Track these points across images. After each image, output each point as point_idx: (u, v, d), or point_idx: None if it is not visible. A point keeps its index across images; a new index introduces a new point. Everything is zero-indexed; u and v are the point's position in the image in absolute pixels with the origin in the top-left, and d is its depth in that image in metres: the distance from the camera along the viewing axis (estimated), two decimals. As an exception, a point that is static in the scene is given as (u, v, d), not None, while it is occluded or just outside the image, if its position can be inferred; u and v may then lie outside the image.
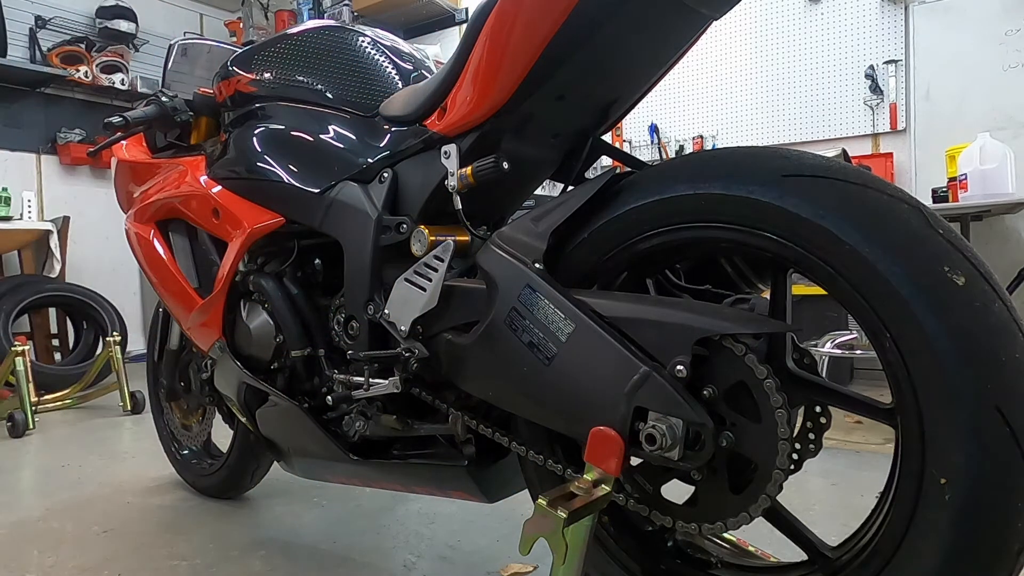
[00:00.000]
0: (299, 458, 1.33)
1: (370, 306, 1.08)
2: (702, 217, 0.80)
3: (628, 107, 1.03)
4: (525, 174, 1.08)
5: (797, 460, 0.84)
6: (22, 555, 1.50)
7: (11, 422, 2.64)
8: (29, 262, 3.86)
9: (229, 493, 1.80)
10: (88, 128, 4.43)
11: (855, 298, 0.70)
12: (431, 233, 1.02)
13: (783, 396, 0.73)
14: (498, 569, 1.34)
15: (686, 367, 0.77)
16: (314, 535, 1.56)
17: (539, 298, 0.86)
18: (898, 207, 0.70)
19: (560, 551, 0.75)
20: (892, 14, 3.27)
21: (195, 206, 1.40)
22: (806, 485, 1.81)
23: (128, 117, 1.48)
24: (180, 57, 1.66)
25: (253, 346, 1.31)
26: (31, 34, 4.23)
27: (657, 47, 0.93)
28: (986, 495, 0.63)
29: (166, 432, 1.94)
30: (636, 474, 0.89)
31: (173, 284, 1.48)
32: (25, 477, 2.15)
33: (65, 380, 3.38)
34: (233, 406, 1.43)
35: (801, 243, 0.73)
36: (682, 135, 3.84)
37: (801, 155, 0.78)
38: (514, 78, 0.89)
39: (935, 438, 0.65)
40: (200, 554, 1.47)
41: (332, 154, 1.20)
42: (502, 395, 0.93)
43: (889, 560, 0.70)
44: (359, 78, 1.24)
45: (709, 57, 3.69)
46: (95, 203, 4.50)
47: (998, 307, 0.65)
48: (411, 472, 1.14)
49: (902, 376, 0.68)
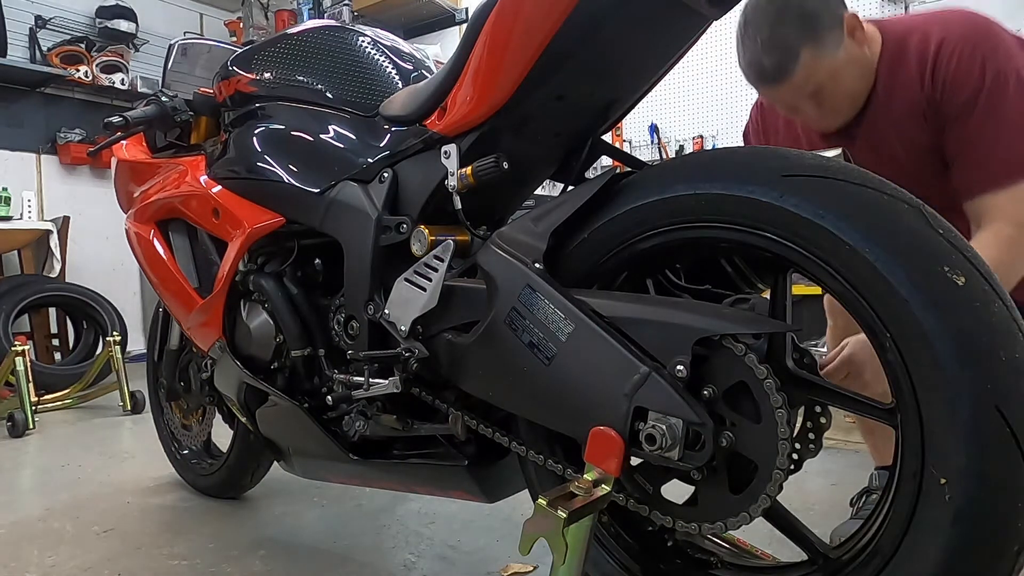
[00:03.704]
0: (299, 458, 1.33)
1: (370, 306, 1.08)
2: (702, 217, 0.80)
3: (628, 107, 1.03)
4: (525, 174, 1.08)
5: (797, 460, 0.84)
6: (22, 555, 1.50)
7: (11, 422, 2.64)
8: (29, 262, 3.86)
9: (229, 493, 1.81)
10: (88, 128, 4.43)
11: (855, 298, 0.70)
12: (431, 233, 1.02)
13: (783, 396, 0.73)
14: (498, 569, 1.34)
15: (686, 367, 0.77)
16: (314, 535, 1.56)
17: (539, 298, 0.86)
18: (898, 207, 0.70)
19: (560, 551, 0.75)
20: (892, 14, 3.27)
21: (195, 206, 1.40)
22: (806, 485, 1.81)
23: (128, 117, 1.48)
24: (180, 57, 1.66)
25: (253, 346, 1.31)
26: (31, 34, 4.23)
27: (657, 47, 0.93)
28: (986, 495, 0.63)
29: (166, 432, 1.94)
30: (636, 474, 0.88)
31: (173, 284, 1.48)
32: (25, 477, 2.15)
33: (65, 380, 3.38)
34: (233, 406, 1.43)
35: (801, 243, 0.73)
36: (682, 135, 3.83)
37: (801, 155, 0.78)
38: (514, 78, 0.89)
39: (935, 438, 0.65)
40: (200, 554, 1.47)
41: (332, 154, 1.20)
42: (502, 395, 0.93)
43: (889, 560, 0.70)
44: (359, 78, 1.24)
45: (709, 57, 3.69)
46: (95, 203, 4.50)
47: (998, 307, 0.65)
48: (411, 472, 1.14)
49: (902, 376, 0.68)
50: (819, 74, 1.24)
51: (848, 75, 1.27)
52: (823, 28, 1.22)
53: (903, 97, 1.26)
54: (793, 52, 1.22)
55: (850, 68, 1.26)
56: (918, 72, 1.23)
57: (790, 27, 1.21)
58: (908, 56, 1.25)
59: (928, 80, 1.22)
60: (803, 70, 1.23)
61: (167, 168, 1.54)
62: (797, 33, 1.21)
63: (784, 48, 1.22)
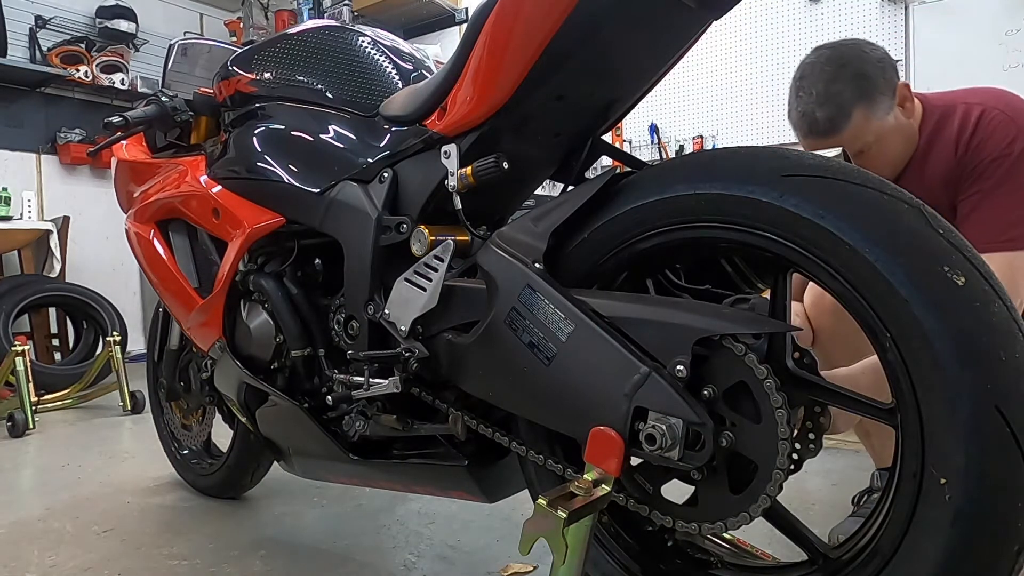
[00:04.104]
0: (299, 458, 1.33)
1: (370, 306, 1.08)
2: (702, 217, 0.80)
3: (628, 107, 1.03)
4: (525, 174, 1.09)
5: (797, 460, 0.84)
6: (22, 555, 1.50)
7: (11, 422, 2.64)
8: (29, 262, 3.86)
9: (229, 493, 1.81)
10: (88, 128, 4.43)
11: (855, 298, 0.70)
12: (431, 233, 1.02)
13: (783, 396, 0.73)
14: (498, 569, 1.34)
15: (686, 367, 0.77)
16: (314, 535, 1.56)
17: (539, 298, 0.86)
18: (898, 207, 0.70)
19: (560, 551, 0.75)
20: (892, 14, 3.27)
21: (195, 206, 1.40)
22: (806, 485, 1.81)
23: (128, 117, 1.48)
24: (180, 57, 1.66)
25: (253, 346, 1.31)
26: (31, 34, 4.23)
27: (657, 47, 0.93)
28: (986, 495, 0.63)
29: (166, 432, 1.94)
30: (636, 474, 0.88)
31: (173, 284, 1.48)
32: (25, 477, 2.15)
33: (65, 380, 3.37)
34: (233, 406, 1.43)
35: (801, 243, 0.73)
36: (682, 135, 3.83)
37: (801, 155, 0.78)
38: (514, 78, 0.89)
39: (935, 438, 0.65)
40: (200, 554, 1.47)
41: (332, 154, 1.20)
42: (502, 395, 0.93)
43: (889, 560, 0.70)
44: (359, 78, 1.24)
45: (709, 57, 3.69)
46: (95, 203, 4.50)
47: (998, 307, 0.65)
48: (411, 472, 1.14)
49: (902, 376, 0.68)
50: (867, 135, 1.30)
51: (893, 142, 1.32)
52: (877, 92, 1.28)
53: (937, 165, 1.32)
54: (846, 110, 1.27)
55: (896, 135, 1.32)
56: (956, 139, 1.29)
57: (846, 85, 1.27)
58: (950, 126, 1.30)
59: (964, 145, 1.28)
60: (853, 129, 1.28)
61: (167, 168, 1.54)
62: (852, 92, 1.27)
63: (838, 104, 1.27)
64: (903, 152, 1.35)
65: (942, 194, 1.31)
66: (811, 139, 1.34)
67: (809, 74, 1.31)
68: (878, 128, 1.29)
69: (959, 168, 1.28)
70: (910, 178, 1.35)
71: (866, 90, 1.27)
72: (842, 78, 1.28)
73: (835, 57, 1.30)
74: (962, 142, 1.28)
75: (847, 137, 1.30)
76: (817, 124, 1.30)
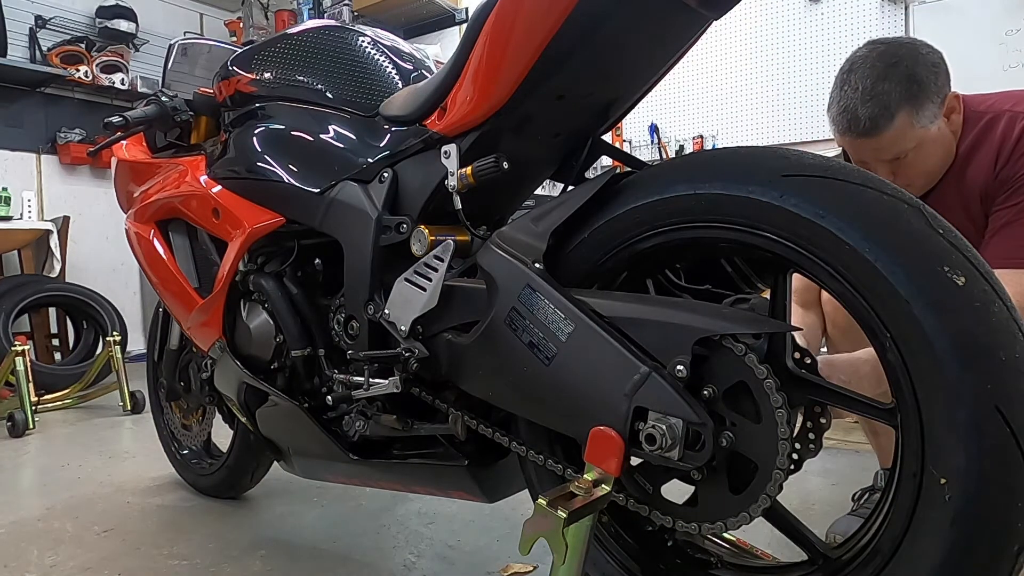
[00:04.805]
0: (299, 458, 1.33)
1: (370, 306, 1.08)
2: (702, 217, 0.80)
3: (628, 107, 1.03)
4: (525, 174, 1.08)
5: (797, 460, 0.84)
6: (22, 555, 1.50)
7: (11, 422, 2.64)
8: (29, 262, 3.86)
9: (229, 493, 1.81)
10: (88, 128, 4.43)
11: (855, 298, 0.70)
12: (431, 233, 1.02)
13: (783, 396, 0.73)
14: (498, 569, 1.34)
15: (686, 367, 0.77)
16: (314, 535, 1.56)
17: (539, 298, 0.86)
18: (898, 207, 0.70)
19: (560, 551, 0.75)
20: (892, 14, 3.27)
21: (195, 206, 1.40)
22: (806, 485, 1.81)
23: (128, 117, 1.48)
24: (180, 57, 1.66)
25: (253, 346, 1.31)
26: (31, 34, 4.23)
27: (657, 47, 0.93)
28: (986, 495, 0.63)
29: (166, 432, 1.94)
30: (636, 474, 0.88)
31: (173, 284, 1.48)
32: (25, 477, 2.15)
33: (65, 380, 3.38)
34: (233, 406, 1.43)
35: (801, 243, 0.73)
36: (682, 135, 3.83)
37: (801, 155, 0.78)
38: (514, 78, 0.89)
39: (935, 438, 0.65)
40: (200, 554, 1.47)
41: (332, 154, 1.20)
42: (502, 395, 0.93)
43: (889, 560, 0.70)
44: (359, 78, 1.24)
45: (709, 57, 3.69)
46: (95, 203, 4.50)
47: (998, 307, 0.65)
48: (411, 472, 1.14)
49: (902, 376, 0.68)
50: (907, 142, 1.23)
51: (932, 152, 1.26)
52: (926, 97, 1.21)
53: (977, 176, 1.26)
54: (890, 111, 1.20)
55: (935, 146, 1.25)
56: (997, 149, 1.24)
57: (895, 85, 1.20)
58: (992, 135, 1.25)
59: (1005, 157, 1.22)
60: (894, 132, 1.21)
61: (167, 168, 1.54)
62: (900, 93, 1.20)
63: (883, 104, 1.20)
64: (940, 165, 1.28)
65: (979, 206, 1.26)
66: (848, 137, 1.27)
67: (859, 68, 1.23)
68: (920, 135, 1.22)
69: (997, 180, 1.23)
70: (947, 190, 1.29)
71: (915, 93, 1.20)
72: (892, 77, 1.20)
73: (888, 54, 1.22)
74: (1003, 153, 1.22)
75: (886, 140, 1.22)
76: (857, 122, 1.22)
